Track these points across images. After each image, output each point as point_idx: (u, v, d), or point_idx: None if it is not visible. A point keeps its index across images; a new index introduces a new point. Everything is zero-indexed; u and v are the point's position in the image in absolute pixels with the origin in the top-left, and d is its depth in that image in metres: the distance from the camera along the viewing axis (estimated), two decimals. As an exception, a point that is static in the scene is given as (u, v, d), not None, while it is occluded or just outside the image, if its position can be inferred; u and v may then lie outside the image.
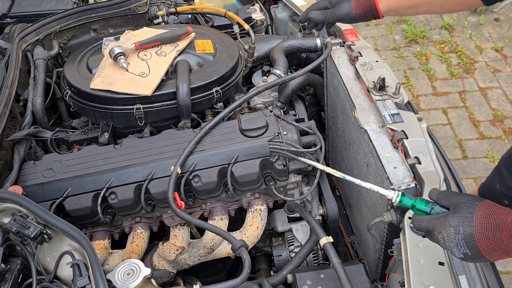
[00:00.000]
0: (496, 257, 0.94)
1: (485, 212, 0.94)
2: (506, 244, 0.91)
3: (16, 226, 1.15)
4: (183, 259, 1.51)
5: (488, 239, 0.92)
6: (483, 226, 0.92)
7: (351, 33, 1.85)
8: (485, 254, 0.93)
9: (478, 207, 0.95)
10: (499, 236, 0.91)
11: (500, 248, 0.92)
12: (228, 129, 1.54)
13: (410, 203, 1.08)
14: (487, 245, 0.92)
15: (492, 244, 0.92)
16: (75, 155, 1.51)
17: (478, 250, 0.93)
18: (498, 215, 0.93)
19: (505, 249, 0.91)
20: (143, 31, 1.88)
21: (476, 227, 0.93)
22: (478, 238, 0.92)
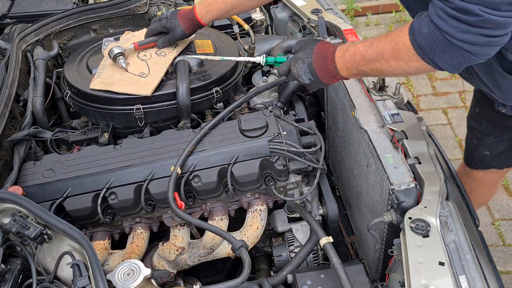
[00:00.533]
0: (327, 79, 1.34)
1: (319, 47, 1.34)
2: (331, 69, 1.32)
3: (16, 227, 1.15)
4: (183, 260, 1.51)
5: (320, 66, 1.32)
6: (317, 56, 1.33)
7: (351, 33, 1.85)
8: (320, 77, 1.34)
9: (316, 45, 1.35)
10: (326, 63, 1.32)
11: (328, 71, 1.32)
12: (228, 129, 1.54)
13: (273, 60, 1.53)
14: (320, 70, 1.33)
15: (323, 69, 1.33)
16: (75, 156, 1.51)
17: (316, 74, 1.34)
18: (326, 48, 1.33)
19: (331, 72, 1.32)
20: (143, 32, 1.88)
21: (313, 58, 1.33)
22: (315, 65, 1.33)
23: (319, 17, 1.96)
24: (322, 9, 2.03)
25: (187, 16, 1.65)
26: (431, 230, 1.18)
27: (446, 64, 1.12)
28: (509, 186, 3.00)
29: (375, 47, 1.22)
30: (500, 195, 2.95)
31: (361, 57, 1.24)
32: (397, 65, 1.18)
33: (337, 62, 1.30)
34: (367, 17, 4.66)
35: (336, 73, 1.31)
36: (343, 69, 1.30)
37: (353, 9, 4.65)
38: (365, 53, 1.23)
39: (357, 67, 1.27)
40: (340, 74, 1.31)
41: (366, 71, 1.27)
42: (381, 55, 1.20)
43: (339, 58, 1.30)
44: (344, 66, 1.29)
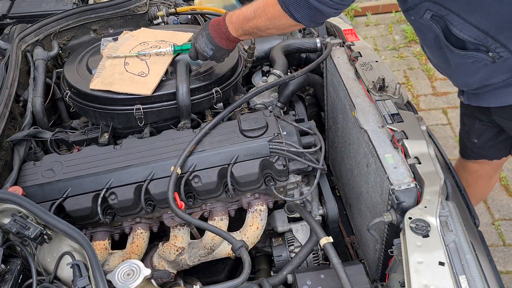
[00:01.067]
0: (225, 43, 1.49)
1: (214, 19, 1.51)
2: (224, 31, 1.47)
3: (16, 227, 1.15)
4: (183, 260, 1.51)
5: (216, 32, 1.49)
6: (212, 25, 1.50)
7: (350, 33, 1.86)
8: (218, 42, 1.49)
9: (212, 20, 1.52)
10: (220, 27, 1.48)
11: (223, 35, 1.48)
12: (228, 129, 1.54)
13: (180, 48, 1.67)
14: (216, 35, 1.49)
15: (219, 34, 1.48)
16: (75, 156, 1.51)
17: (215, 41, 1.49)
18: (218, 19, 1.50)
19: (225, 34, 1.47)
20: (141, 31, 1.88)
21: (209, 28, 1.50)
22: (212, 33, 1.49)
23: (319, 17, 1.96)
24: (322, 9, 2.03)
25: None
26: (431, 230, 1.18)
27: (301, 16, 1.31)
28: (509, 186, 3.00)
29: (252, 5, 1.39)
30: (500, 195, 2.95)
31: (243, 17, 1.42)
32: (267, 20, 1.36)
33: (228, 25, 1.47)
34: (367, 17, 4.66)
35: (229, 35, 1.47)
36: (233, 30, 1.46)
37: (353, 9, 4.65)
38: (246, 13, 1.41)
39: (242, 27, 1.44)
40: (232, 35, 1.47)
41: (248, 30, 1.44)
42: (256, 12, 1.38)
43: (229, 21, 1.46)
44: (233, 27, 1.46)
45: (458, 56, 1.46)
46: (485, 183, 2.26)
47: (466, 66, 1.48)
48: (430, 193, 1.26)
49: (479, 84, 1.53)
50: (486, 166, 2.10)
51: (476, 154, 2.07)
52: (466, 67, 1.49)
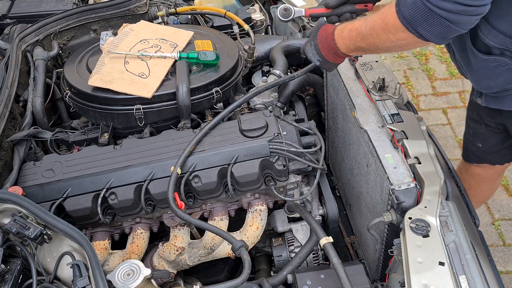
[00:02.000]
0: (332, 57, 1.40)
1: (322, 28, 1.41)
2: (332, 47, 1.38)
3: (16, 227, 1.15)
4: (183, 260, 1.51)
5: (323, 45, 1.39)
6: (320, 37, 1.40)
7: (350, 33, 1.85)
8: (325, 56, 1.41)
9: (320, 28, 1.42)
10: (328, 42, 1.38)
11: (331, 50, 1.38)
12: (228, 129, 1.54)
13: (185, 55, 1.67)
14: (324, 49, 1.40)
15: (326, 48, 1.39)
16: (75, 156, 1.51)
17: (321, 54, 1.41)
18: (327, 28, 1.40)
19: (333, 49, 1.38)
20: (141, 24, 1.88)
21: (318, 39, 1.41)
22: (319, 45, 1.40)
23: (319, 17, 1.96)
24: (322, 9, 2.03)
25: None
26: (431, 230, 1.18)
27: (429, 33, 1.15)
28: (509, 186, 3.00)
29: (368, 22, 1.27)
30: (500, 195, 2.95)
31: (357, 33, 1.30)
32: (387, 38, 1.23)
33: (336, 40, 1.36)
34: (367, 17, 4.66)
35: (337, 51, 1.37)
36: (343, 46, 1.36)
37: (353, 9, 4.64)
38: (360, 29, 1.29)
39: (354, 43, 1.32)
40: (341, 51, 1.37)
41: (363, 47, 1.31)
42: (373, 29, 1.25)
43: (338, 36, 1.36)
44: (343, 43, 1.35)
45: (481, 59, 1.44)
46: (488, 186, 2.25)
47: (489, 69, 1.47)
48: (430, 193, 1.26)
49: (500, 87, 1.51)
50: (489, 170, 2.10)
51: (479, 158, 2.06)
52: (489, 70, 1.47)
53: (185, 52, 1.69)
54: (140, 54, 1.68)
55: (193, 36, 1.83)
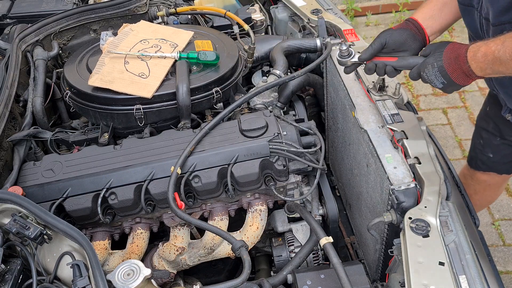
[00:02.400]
0: (462, 80, 1.28)
1: (450, 47, 1.29)
2: (464, 68, 1.26)
3: (16, 227, 1.15)
4: (183, 260, 1.51)
5: (452, 66, 1.27)
6: (448, 58, 1.28)
7: (351, 33, 1.85)
8: (453, 78, 1.28)
9: (446, 47, 1.30)
10: (459, 63, 1.26)
11: (461, 72, 1.27)
12: (228, 129, 1.54)
13: (185, 56, 1.66)
14: (453, 71, 1.27)
15: (456, 69, 1.27)
16: (75, 156, 1.51)
17: (448, 76, 1.29)
18: (457, 48, 1.28)
19: (465, 71, 1.26)
20: (141, 24, 1.88)
21: (444, 60, 1.29)
22: (446, 67, 1.28)
23: (319, 17, 1.96)
24: (322, 9, 2.03)
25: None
26: (431, 230, 1.18)
27: None
28: (509, 186, 3.00)
29: (507, 46, 1.16)
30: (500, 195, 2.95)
31: (494, 57, 1.20)
32: None
33: (470, 62, 1.25)
34: (367, 17, 4.66)
35: (470, 73, 1.27)
36: (477, 69, 1.25)
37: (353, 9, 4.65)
38: (498, 54, 1.18)
39: (492, 67, 1.22)
40: (475, 74, 1.26)
41: (502, 71, 1.22)
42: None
43: (471, 58, 1.25)
44: (478, 66, 1.25)
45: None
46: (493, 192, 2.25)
47: None
48: (430, 193, 1.26)
49: None
50: (496, 177, 2.08)
51: (487, 166, 2.04)
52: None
53: (185, 52, 1.69)
54: (140, 54, 1.68)
55: (193, 36, 1.83)
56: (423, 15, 1.50)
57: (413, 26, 1.47)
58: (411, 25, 1.48)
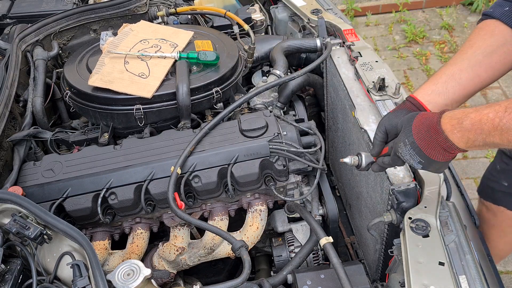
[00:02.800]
0: (440, 155, 1.06)
1: (418, 120, 1.09)
2: (439, 140, 1.05)
3: (16, 227, 1.15)
4: (183, 260, 1.51)
5: (425, 141, 1.06)
6: (418, 131, 1.07)
7: (350, 33, 1.85)
8: (430, 155, 1.07)
9: (414, 119, 1.10)
10: (431, 135, 1.05)
11: (437, 145, 1.05)
12: (228, 129, 1.54)
13: (185, 55, 1.66)
14: (427, 146, 1.06)
15: (430, 144, 1.06)
16: (75, 156, 1.51)
17: (423, 153, 1.07)
18: (427, 119, 1.08)
19: (441, 144, 1.05)
20: (141, 24, 1.88)
21: (414, 134, 1.08)
22: (418, 142, 1.07)
23: (319, 17, 1.96)
24: (322, 9, 2.03)
25: None
26: (431, 230, 1.18)
27: None
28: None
29: (499, 112, 0.97)
30: (500, 195, 2.95)
31: (493, 126, 0.98)
32: None
33: (449, 132, 1.04)
34: (367, 17, 4.66)
35: (449, 146, 1.05)
36: (461, 140, 1.03)
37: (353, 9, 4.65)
38: (499, 121, 0.97)
39: (484, 138, 1.00)
40: (457, 146, 1.04)
41: (498, 143, 1.01)
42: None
43: (453, 127, 1.04)
44: (463, 136, 1.02)
45: None
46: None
47: None
48: (430, 193, 1.26)
49: None
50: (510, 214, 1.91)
51: (496, 198, 1.89)
52: None
53: (185, 52, 1.69)
54: (140, 54, 1.68)
55: (193, 36, 1.83)
56: (423, 91, 1.31)
57: (410, 104, 1.29)
58: (408, 104, 1.29)
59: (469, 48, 1.30)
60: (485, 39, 1.30)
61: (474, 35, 1.33)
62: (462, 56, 1.30)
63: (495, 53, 1.28)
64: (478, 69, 1.27)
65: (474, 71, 1.27)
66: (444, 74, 1.30)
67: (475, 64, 1.27)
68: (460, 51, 1.33)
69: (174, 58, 1.67)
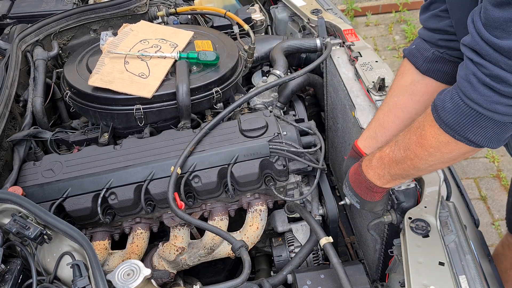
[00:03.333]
0: (367, 194, 1.23)
1: (353, 167, 1.28)
2: (364, 182, 1.21)
3: (16, 227, 1.15)
4: (183, 260, 1.51)
5: (355, 183, 1.25)
6: (351, 175, 1.27)
7: (350, 33, 1.85)
8: (361, 195, 1.25)
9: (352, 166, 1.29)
10: (358, 177, 1.23)
11: (362, 185, 1.22)
12: (228, 129, 1.54)
13: (185, 55, 1.67)
14: (357, 187, 1.24)
15: (358, 185, 1.24)
16: (75, 156, 1.51)
17: (356, 193, 1.26)
18: (356, 165, 1.26)
19: (364, 184, 1.21)
20: (141, 24, 1.88)
21: (349, 177, 1.29)
22: (352, 184, 1.27)
23: (319, 17, 1.96)
24: (322, 9, 2.03)
25: None
26: (431, 230, 1.18)
27: (482, 138, 0.96)
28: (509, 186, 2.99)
29: (400, 143, 1.09)
30: (500, 195, 2.95)
31: (389, 159, 1.12)
32: (429, 154, 1.03)
33: (366, 172, 1.19)
34: (367, 17, 4.66)
35: (370, 185, 1.19)
36: (375, 178, 1.18)
37: (353, 9, 4.65)
38: (393, 154, 1.11)
39: (388, 171, 1.13)
40: (375, 184, 1.18)
41: (400, 174, 1.13)
42: (408, 149, 1.06)
43: (367, 167, 1.19)
44: (375, 174, 1.18)
45: None
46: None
47: None
48: (430, 193, 1.27)
49: None
50: None
51: None
52: None
53: (185, 52, 1.69)
54: (140, 54, 1.68)
55: (193, 36, 1.83)
56: (362, 137, 1.38)
57: (353, 152, 1.39)
58: (352, 152, 1.39)
59: (389, 91, 1.38)
60: (398, 80, 1.36)
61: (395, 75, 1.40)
62: (385, 99, 1.37)
63: (405, 93, 1.32)
64: (396, 111, 1.32)
65: (392, 113, 1.32)
66: (374, 120, 1.38)
67: (392, 107, 1.33)
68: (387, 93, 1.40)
69: (174, 58, 1.67)
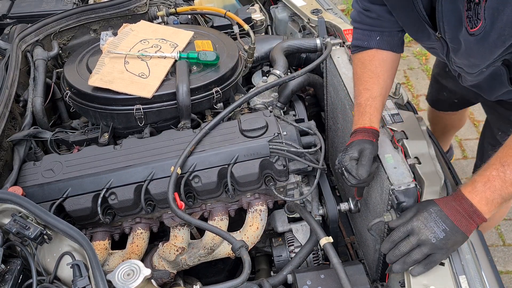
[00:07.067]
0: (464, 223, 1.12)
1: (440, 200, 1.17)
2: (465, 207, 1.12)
3: (16, 227, 1.15)
4: (183, 260, 1.51)
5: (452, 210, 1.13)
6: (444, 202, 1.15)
7: (350, 33, 1.85)
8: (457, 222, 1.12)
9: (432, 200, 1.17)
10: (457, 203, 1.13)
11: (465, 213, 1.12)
12: (228, 129, 1.54)
13: (186, 55, 1.66)
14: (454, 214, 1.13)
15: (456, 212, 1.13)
16: (75, 156, 1.51)
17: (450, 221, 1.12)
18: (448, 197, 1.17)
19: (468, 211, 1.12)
20: (141, 24, 1.88)
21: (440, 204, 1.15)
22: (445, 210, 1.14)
23: (319, 17, 1.96)
24: (322, 9, 2.03)
25: None
26: (431, 230, 1.18)
27: None
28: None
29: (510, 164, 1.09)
30: (500, 195, 2.95)
31: (502, 181, 1.10)
32: None
33: (471, 198, 1.13)
34: (367, 17, 4.66)
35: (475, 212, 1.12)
36: (482, 202, 1.12)
37: (353, 9, 4.65)
38: (504, 175, 1.09)
39: (500, 194, 1.10)
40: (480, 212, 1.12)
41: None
42: None
43: (470, 193, 1.13)
44: (482, 198, 1.11)
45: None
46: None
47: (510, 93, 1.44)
48: (430, 193, 1.26)
49: None
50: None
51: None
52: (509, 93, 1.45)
53: (185, 52, 1.69)
54: (140, 54, 1.68)
55: (193, 36, 1.83)
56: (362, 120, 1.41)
57: (365, 134, 1.37)
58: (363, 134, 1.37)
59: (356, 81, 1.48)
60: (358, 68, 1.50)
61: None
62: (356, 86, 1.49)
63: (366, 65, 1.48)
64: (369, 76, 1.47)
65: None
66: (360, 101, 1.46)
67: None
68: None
69: (174, 58, 1.67)
